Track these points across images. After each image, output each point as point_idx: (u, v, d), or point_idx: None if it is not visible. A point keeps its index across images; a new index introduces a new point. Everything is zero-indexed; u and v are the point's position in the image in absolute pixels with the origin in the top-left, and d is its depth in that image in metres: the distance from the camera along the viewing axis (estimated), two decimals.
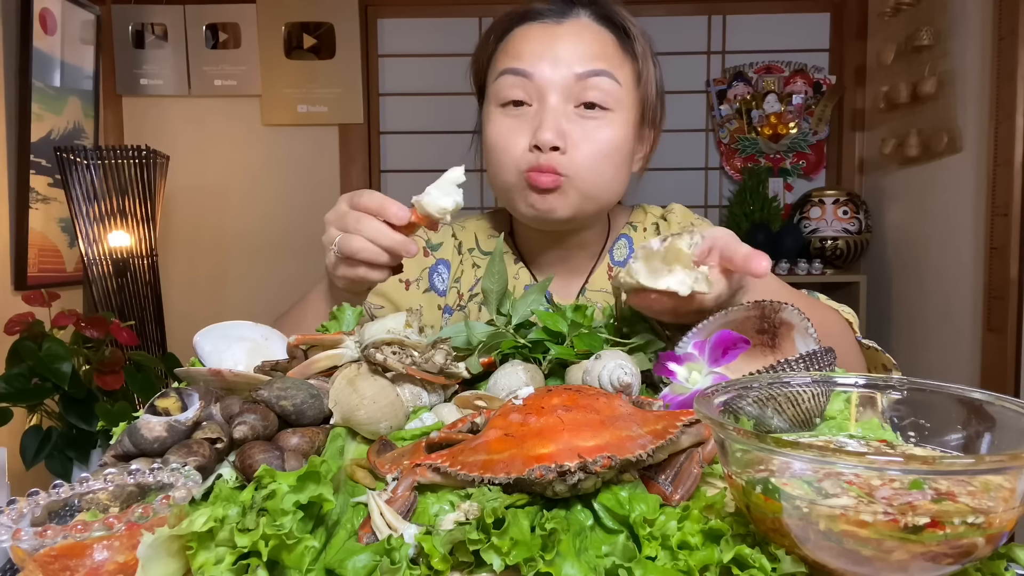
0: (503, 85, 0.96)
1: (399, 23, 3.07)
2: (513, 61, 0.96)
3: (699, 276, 0.64)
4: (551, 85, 0.94)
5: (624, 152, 0.98)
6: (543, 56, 0.94)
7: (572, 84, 0.94)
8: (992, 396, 0.45)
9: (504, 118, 0.97)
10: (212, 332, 0.74)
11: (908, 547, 0.37)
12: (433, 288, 1.10)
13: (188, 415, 0.58)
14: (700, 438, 0.53)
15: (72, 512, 0.49)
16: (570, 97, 0.94)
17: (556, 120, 0.93)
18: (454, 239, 1.13)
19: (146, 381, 2.14)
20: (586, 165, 0.94)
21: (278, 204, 3.03)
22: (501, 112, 0.97)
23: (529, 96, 0.95)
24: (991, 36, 2.11)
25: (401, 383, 0.66)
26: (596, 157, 0.95)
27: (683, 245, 0.65)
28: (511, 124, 0.96)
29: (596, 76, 0.94)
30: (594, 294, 1.07)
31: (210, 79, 2.96)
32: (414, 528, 0.45)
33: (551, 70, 0.94)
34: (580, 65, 0.93)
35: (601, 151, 0.95)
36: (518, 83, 0.95)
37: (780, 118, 3.04)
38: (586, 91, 0.94)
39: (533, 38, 0.96)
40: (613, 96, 0.95)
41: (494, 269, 0.76)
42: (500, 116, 0.97)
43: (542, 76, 0.94)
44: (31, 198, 2.37)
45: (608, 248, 1.10)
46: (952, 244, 2.33)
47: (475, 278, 1.10)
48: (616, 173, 0.98)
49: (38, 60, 2.39)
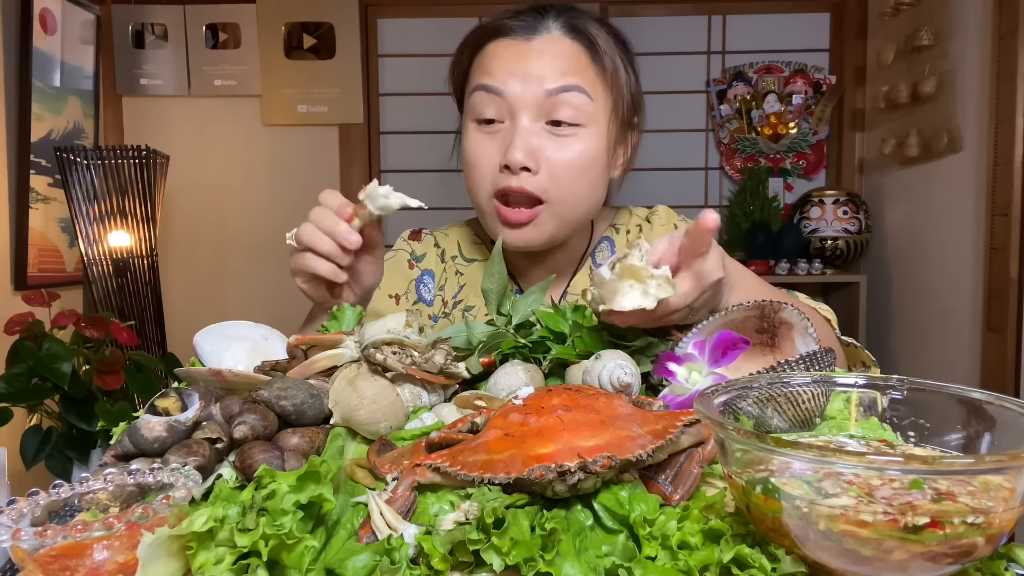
0: (476, 101, 0.97)
1: (399, 23, 3.07)
2: (485, 77, 0.96)
3: (659, 282, 0.63)
4: (522, 103, 0.94)
5: (600, 165, 0.98)
6: (514, 73, 0.94)
7: (543, 101, 0.94)
8: (992, 396, 0.45)
9: (477, 134, 0.98)
10: (212, 332, 0.74)
11: (908, 547, 0.37)
12: (421, 299, 1.11)
13: (188, 415, 0.58)
14: (700, 438, 0.53)
15: (72, 512, 0.49)
16: (541, 114, 0.94)
17: (526, 139, 0.93)
18: (437, 248, 1.14)
19: (146, 381, 2.14)
20: (562, 186, 0.94)
21: (278, 204, 3.03)
22: (475, 128, 0.98)
23: (501, 114, 0.95)
24: (991, 36, 2.11)
25: (401, 383, 0.66)
26: (571, 175, 0.95)
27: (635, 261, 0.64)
28: (484, 141, 0.97)
29: (567, 92, 0.94)
30: (575, 297, 1.08)
31: (210, 79, 2.96)
32: (414, 528, 0.45)
33: (522, 87, 0.94)
34: (550, 81, 0.93)
35: (575, 168, 0.95)
36: (490, 100, 0.95)
37: (780, 118, 3.04)
38: (557, 108, 0.94)
39: (504, 54, 0.96)
40: (585, 111, 0.95)
41: (494, 269, 0.76)
42: (474, 132, 0.98)
43: (512, 93, 0.94)
44: (31, 198, 2.37)
45: (590, 251, 1.10)
46: (952, 244, 2.33)
47: (458, 285, 1.11)
48: (592, 188, 0.98)
49: (38, 60, 2.39)
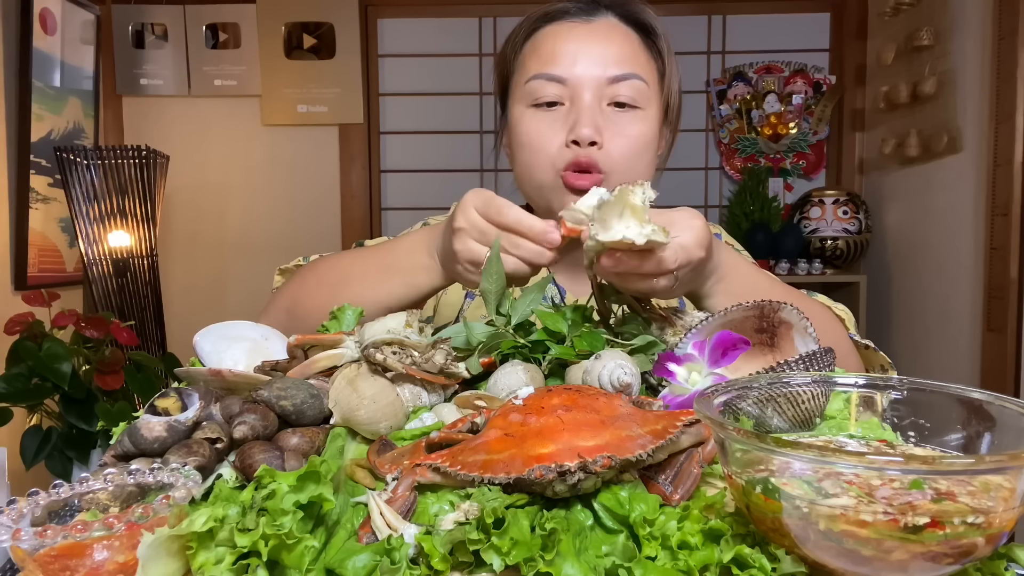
0: (534, 87, 0.97)
1: (399, 23, 3.07)
2: (545, 65, 0.96)
3: (654, 228, 0.63)
4: (584, 85, 0.95)
5: (653, 148, 1.00)
6: (575, 58, 0.95)
7: (604, 86, 0.95)
8: (992, 396, 0.45)
9: (536, 116, 0.97)
10: (212, 332, 0.74)
11: (908, 547, 0.37)
12: None
13: (188, 415, 0.58)
14: (700, 438, 0.53)
15: (72, 512, 0.49)
16: (603, 96, 0.95)
17: (592, 116, 0.94)
18: None
19: (146, 381, 2.14)
20: (623, 160, 0.95)
21: (278, 204, 3.03)
22: (533, 111, 0.98)
23: (561, 96, 0.96)
24: (991, 36, 2.11)
25: (401, 383, 0.66)
26: (632, 151, 0.96)
27: (636, 199, 0.63)
28: (544, 122, 0.97)
29: (627, 80, 0.95)
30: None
31: (210, 79, 2.96)
32: (414, 528, 0.45)
33: (584, 71, 0.95)
34: (611, 68, 0.95)
35: (635, 146, 0.96)
36: (551, 86, 0.96)
37: (780, 118, 3.04)
38: (617, 91, 0.95)
39: (564, 37, 0.97)
40: (643, 94, 0.97)
41: (492, 269, 0.76)
42: (532, 115, 0.98)
43: (575, 78, 0.95)
44: (31, 198, 2.37)
45: None
46: (952, 244, 2.33)
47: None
48: (647, 169, 1.00)
49: (38, 60, 2.39)
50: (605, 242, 0.65)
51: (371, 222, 3.07)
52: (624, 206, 0.64)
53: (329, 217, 3.04)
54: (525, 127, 0.98)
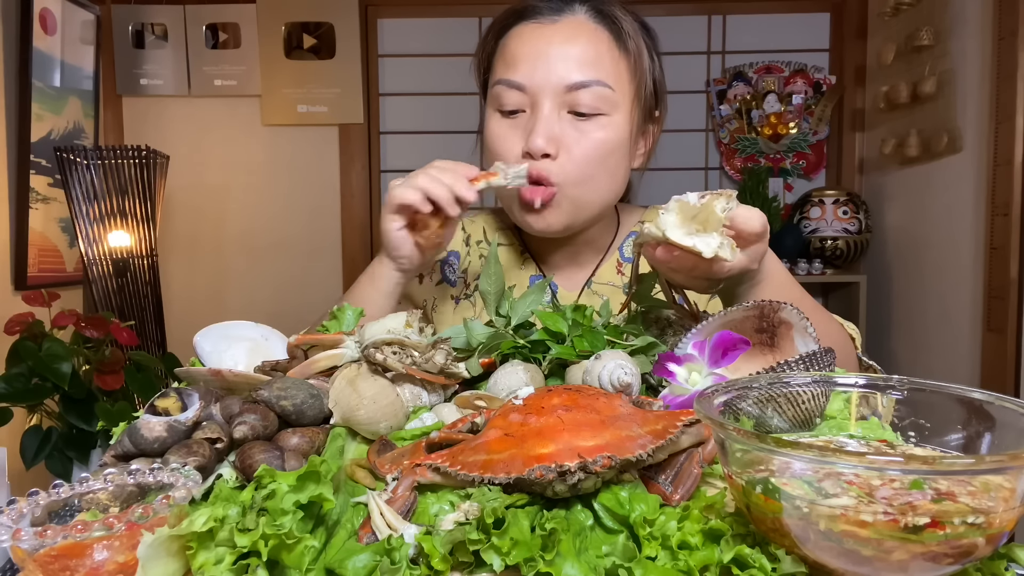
0: (498, 93, 0.98)
1: (399, 23, 3.07)
2: (508, 70, 0.97)
3: (725, 243, 0.64)
4: (543, 92, 0.95)
5: (620, 153, 0.98)
6: (535, 64, 0.95)
7: (563, 93, 0.94)
8: (992, 396, 0.45)
9: (501, 123, 0.99)
10: (212, 332, 0.74)
11: (908, 547, 0.37)
12: (445, 279, 1.13)
13: (188, 415, 0.58)
14: (700, 438, 0.53)
15: (72, 512, 0.49)
16: (563, 103, 0.95)
17: (548, 126, 0.94)
18: (463, 232, 1.15)
19: (146, 381, 2.14)
20: (578, 170, 0.95)
21: (278, 204, 3.03)
22: (498, 117, 0.99)
23: (522, 103, 0.96)
24: (991, 36, 2.11)
25: (401, 383, 0.66)
26: (591, 159, 0.95)
27: (718, 208, 0.64)
28: (506, 129, 0.98)
29: (587, 87, 0.94)
30: (600, 287, 1.08)
31: (210, 79, 2.96)
32: (414, 528, 0.45)
33: (544, 79, 0.94)
34: (573, 74, 0.94)
35: (595, 154, 0.95)
36: (512, 93, 0.96)
37: (780, 118, 3.04)
38: (578, 99, 0.94)
39: (527, 40, 0.97)
40: (607, 100, 0.95)
41: (490, 271, 0.76)
42: (497, 121, 0.99)
43: (535, 86, 0.95)
44: (31, 198, 2.37)
45: (618, 245, 1.11)
46: (952, 244, 2.33)
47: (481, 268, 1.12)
48: (612, 175, 0.98)
49: (38, 60, 2.39)
50: (671, 240, 0.65)
51: (371, 222, 3.07)
52: (706, 212, 0.65)
53: (329, 217, 3.04)
54: (490, 132, 1.00)
